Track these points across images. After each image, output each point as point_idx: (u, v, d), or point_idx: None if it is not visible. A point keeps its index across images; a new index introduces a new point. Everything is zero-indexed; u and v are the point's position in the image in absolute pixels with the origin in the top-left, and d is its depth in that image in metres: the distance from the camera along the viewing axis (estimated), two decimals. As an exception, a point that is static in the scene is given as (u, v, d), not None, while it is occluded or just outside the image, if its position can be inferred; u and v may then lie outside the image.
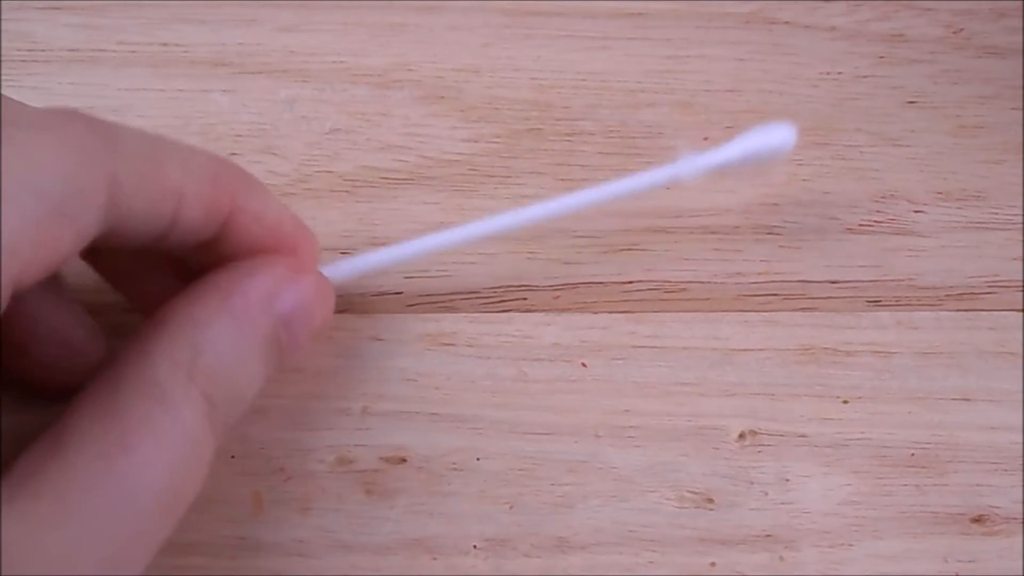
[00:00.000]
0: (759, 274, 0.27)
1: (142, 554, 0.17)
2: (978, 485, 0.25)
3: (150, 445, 0.17)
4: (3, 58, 0.27)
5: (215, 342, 0.18)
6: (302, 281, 0.20)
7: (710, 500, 0.24)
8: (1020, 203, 0.28)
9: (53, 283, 0.21)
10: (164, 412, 0.17)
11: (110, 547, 0.16)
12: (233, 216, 0.20)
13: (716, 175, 0.23)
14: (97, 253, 0.21)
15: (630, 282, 0.26)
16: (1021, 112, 0.29)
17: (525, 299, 0.26)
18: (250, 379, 0.19)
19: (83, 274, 0.22)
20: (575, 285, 0.26)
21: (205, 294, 0.19)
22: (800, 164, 0.28)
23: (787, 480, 0.25)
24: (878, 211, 0.28)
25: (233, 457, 0.24)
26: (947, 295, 0.27)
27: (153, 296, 0.21)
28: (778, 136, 0.23)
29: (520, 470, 0.24)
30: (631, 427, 0.25)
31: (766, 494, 0.25)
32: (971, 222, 0.28)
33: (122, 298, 0.23)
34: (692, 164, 0.23)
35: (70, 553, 0.16)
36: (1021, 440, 0.25)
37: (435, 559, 0.23)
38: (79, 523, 0.16)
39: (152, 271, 0.22)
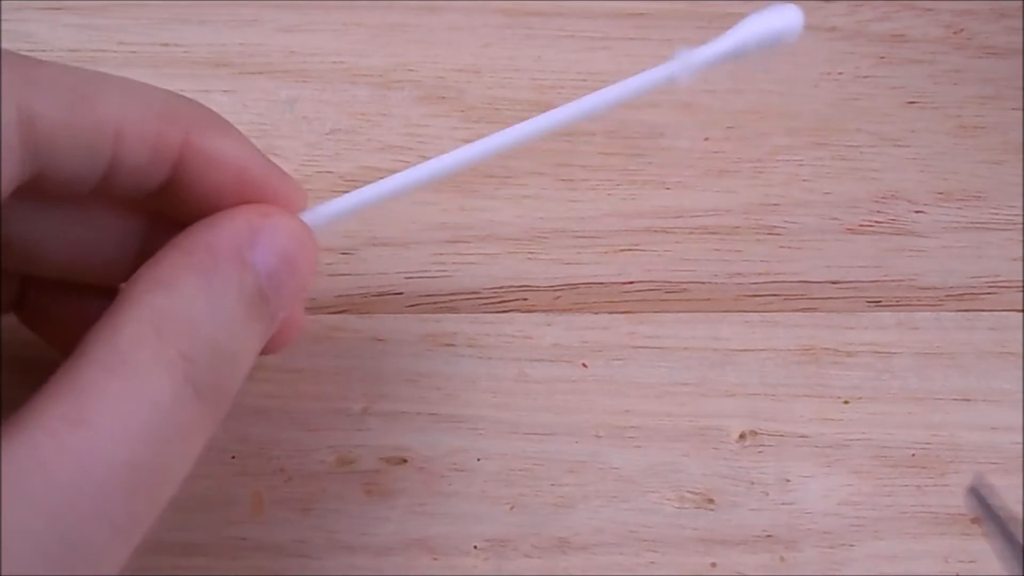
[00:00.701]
0: (759, 274, 0.27)
1: (103, 534, 0.15)
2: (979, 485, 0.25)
3: (106, 417, 0.16)
4: (3, 58, 0.27)
5: (184, 299, 0.17)
6: (274, 225, 0.18)
7: (711, 500, 0.24)
8: (1020, 203, 0.28)
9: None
10: (124, 380, 0.16)
11: (59, 526, 0.15)
12: (188, 157, 0.18)
13: (716, 69, 0.20)
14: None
15: (630, 282, 0.26)
16: (1021, 112, 0.29)
17: (525, 299, 0.26)
18: (236, 335, 0.18)
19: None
20: (575, 285, 0.26)
21: (167, 255, 0.18)
22: (800, 164, 0.28)
23: (788, 480, 0.25)
24: (878, 211, 0.28)
25: (233, 457, 0.24)
26: (947, 295, 0.27)
27: None
28: (782, 18, 0.19)
29: (521, 470, 0.24)
30: (631, 427, 0.25)
31: (767, 494, 0.25)
32: (971, 222, 0.28)
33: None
34: (689, 59, 0.19)
35: (10, 532, 0.14)
36: (1021, 440, 0.25)
37: (436, 559, 0.23)
38: (23, 503, 0.15)
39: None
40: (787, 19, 0.19)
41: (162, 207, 0.19)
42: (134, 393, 0.16)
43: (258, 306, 0.18)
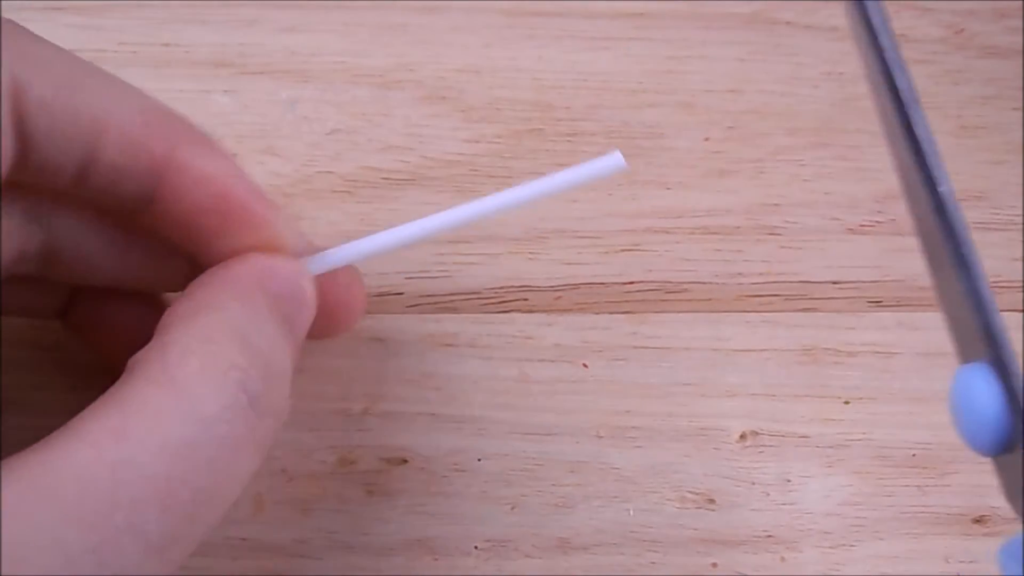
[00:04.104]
0: (760, 274, 0.27)
1: (136, 550, 0.15)
2: (979, 486, 0.25)
3: (147, 430, 0.15)
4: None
5: (232, 317, 0.17)
6: (280, 266, 0.19)
7: (711, 501, 0.24)
8: (1021, 204, 0.28)
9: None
10: (169, 394, 0.16)
11: (90, 537, 0.15)
12: (172, 172, 0.18)
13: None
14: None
15: (631, 282, 0.26)
16: (1022, 112, 0.29)
17: (526, 300, 0.26)
18: (282, 352, 0.18)
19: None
20: (576, 286, 0.26)
21: (201, 287, 0.18)
22: (802, 164, 0.28)
23: (788, 481, 0.25)
24: (879, 211, 0.28)
25: (234, 458, 0.24)
26: (948, 295, 0.27)
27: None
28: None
29: (521, 471, 0.24)
30: (632, 427, 0.25)
31: (767, 495, 0.25)
32: (972, 223, 0.27)
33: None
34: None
35: (40, 540, 0.14)
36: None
37: (436, 560, 0.23)
38: (55, 511, 0.15)
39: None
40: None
41: (148, 223, 0.19)
42: (178, 407, 0.16)
43: (288, 329, 0.19)
